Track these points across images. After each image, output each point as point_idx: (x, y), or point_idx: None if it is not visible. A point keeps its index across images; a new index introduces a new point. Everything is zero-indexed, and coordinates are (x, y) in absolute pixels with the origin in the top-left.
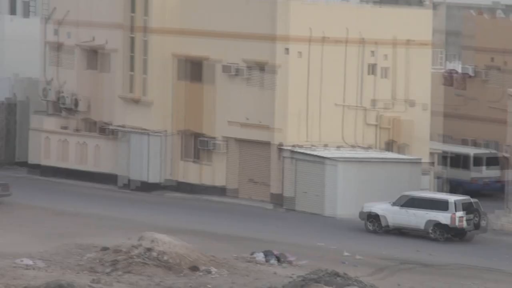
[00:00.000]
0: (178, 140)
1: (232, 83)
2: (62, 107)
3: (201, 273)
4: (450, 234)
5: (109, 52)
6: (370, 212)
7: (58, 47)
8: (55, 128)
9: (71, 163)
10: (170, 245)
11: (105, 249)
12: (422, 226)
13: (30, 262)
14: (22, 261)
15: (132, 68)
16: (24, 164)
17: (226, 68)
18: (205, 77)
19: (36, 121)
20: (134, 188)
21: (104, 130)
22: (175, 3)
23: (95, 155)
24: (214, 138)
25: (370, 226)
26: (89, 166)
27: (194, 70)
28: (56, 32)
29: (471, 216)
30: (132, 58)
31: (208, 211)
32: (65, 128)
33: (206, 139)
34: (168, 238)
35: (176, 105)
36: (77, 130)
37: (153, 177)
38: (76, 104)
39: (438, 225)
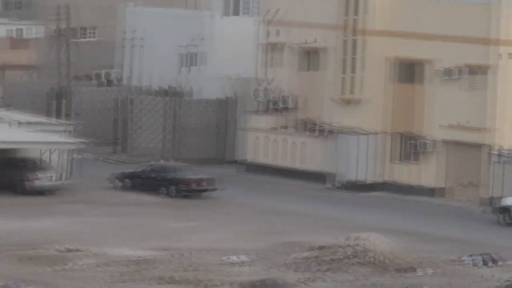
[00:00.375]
0: (388, 141)
1: (443, 85)
2: (273, 107)
3: (417, 274)
4: None
5: (321, 52)
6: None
7: (271, 47)
8: (265, 127)
9: (280, 162)
10: (377, 244)
11: (312, 248)
12: None
13: (246, 259)
14: (238, 257)
15: (345, 69)
16: (233, 162)
17: (439, 71)
18: (417, 79)
19: (246, 120)
20: (342, 187)
21: (314, 130)
22: (390, 5)
23: (304, 154)
24: (424, 139)
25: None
26: (298, 164)
27: (407, 72)
28: (269, 33)
29: None
30: (345, 59)
31: (415, 212)
32: (283, 127)
33: (416, 140)
34: (375, 237)
35: (387, 106)
36: (287, 129)
37: (362, 177)
38: (287, 104)
39: None
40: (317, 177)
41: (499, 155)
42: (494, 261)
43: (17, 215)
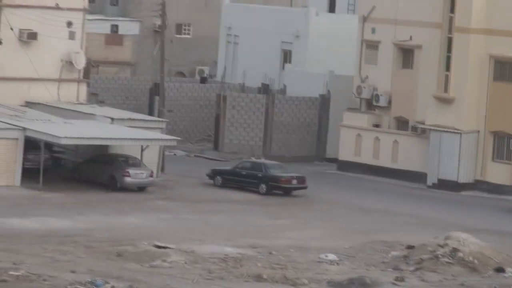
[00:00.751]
0: (490, 141)
1: None
2: (375, 105)
3: (506, 275)
4: None
5: (416, 50)
6: None
7: (374, 45)
8: (367, 125)
9: (382, 161)
10: (476, 245)
11: (410, 247)
12: None
13: (335, 257)
14: (327, 256)
15: (440, 67)
16: (334, 160)
17: None
18: None
19: (348, 118)
20: (434, 186)
21: (416, 129)
22: (486, 3)
23: (405, 153)
24: None
25: None
26: (399, 164)
27: (502, 70)
28: (373, 31)
29: None
30: (440, 57)
31: (508, 212)
32: (377, 125)
33: (510, 139)
34: (474, 238)
35: (482, 105)
36: (379, 127)
37: (463, 177)
38: (380, 102)
39: None
40: (409, 176)
41: None
42: None
43: (106, 211)
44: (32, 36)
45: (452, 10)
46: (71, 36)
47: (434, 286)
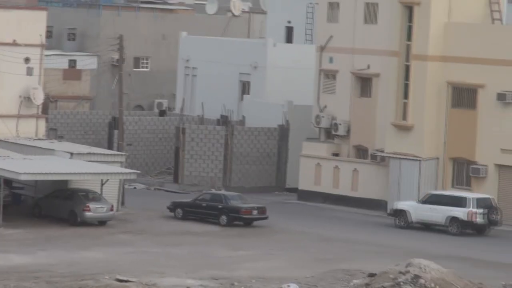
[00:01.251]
0: (449, 167)
1: (505, 110)
2: (334, 134)
3: None
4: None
5: (374, 78)
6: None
7: (332, 74)
8: (327, 154)
9: (342, 190)
10: (437, 272)
11: (372, 275)
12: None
13: (297, 287)
14: (288, 286)
15: (398, 95)
16: (294, 190)
17: (501, 96)
18: (470, 104)
19: (307, 148)
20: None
21: (375, 157)
22: (443, 31)
23: (365, 181)
24: (477, 164)
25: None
26: (359, 192)
27: (460, 97)
28: (330, 60)
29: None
30: (398, 85)
31: (472, 238)
32: (337, 154)
33: (478, 166)
34: (435, 265)
35: (440, 131)
36: (338, 156)
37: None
38: (349, 131)
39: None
40: (369, 204)
41: None
42: None
43: (67, 246)
44: None
45: (409, 38)
46: (29, 72)
47: None
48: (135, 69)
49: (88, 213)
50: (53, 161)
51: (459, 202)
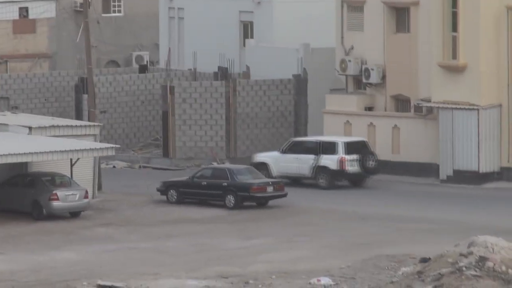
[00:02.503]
0: (505, 116)
1: None
2: (365, 82)
3: None
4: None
5: (419, 7)
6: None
7: (358, 6)
8: (358, 109)
9: (380, 153)
10: (497, 251)
11: (425, 260)
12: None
13: (330, 281)
14: (319, 280)
15: (445, 28)
16: None
17: None
18: None
19: (332, 102)
20: (448, 179)
21: (420, 109)
22: None
23: (409, 141)
24: None
25: None
26: (402, 155)
27: None
28: None
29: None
30: (454, 14)
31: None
32: (371, 108)
33: None
34: (494, 242)
35: (502, 72)
36: (372, 110)
37: (485, 165)
38: (384, 78)
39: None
40: (416, 169)
41: None
42: None
43: (32, 247)
44: None
45: None
46: None
47: None
48: (104, 15)
49: (56, 203)
50: (7, 138)
51: (327, 148)
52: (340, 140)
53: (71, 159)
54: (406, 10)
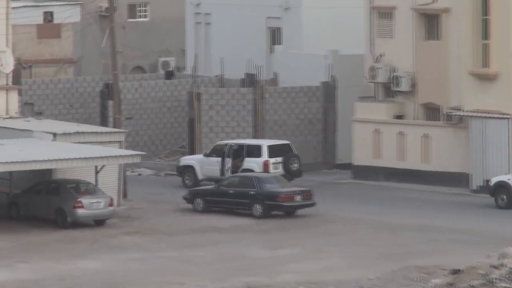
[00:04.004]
0: None
1: None
2: (395, 90)
3: None
4: None
5: (450, 14)
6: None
7: (388, 12)
8: (387, 117)
9: (410, 162)
10: None
11: (456, 271)
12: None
13: None
14: None
15: (485, 34)
16: (347, 166)
17: None
18: None
19: (362, 110)
20: (480, 190)
21: (451, 117)
22: None
23: (440, 150)
24: None
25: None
26: (433, 164)
27: None
28: None
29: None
30: (485, 21)
31: None
32: (400, 116)
33: None
34: None
35: None
36: (402, 118)
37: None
38: (414, 85)
39: None
40: (447, 179)
41: None
42: None
43: (56, 256)
44: None
45: None
46: None
47: None
48: (130, 20)
49: (80, 211)
50: (31, 145)
51: (252, 151)
52: (265, 143)
53: (96, 166)
54: (436, 17)
